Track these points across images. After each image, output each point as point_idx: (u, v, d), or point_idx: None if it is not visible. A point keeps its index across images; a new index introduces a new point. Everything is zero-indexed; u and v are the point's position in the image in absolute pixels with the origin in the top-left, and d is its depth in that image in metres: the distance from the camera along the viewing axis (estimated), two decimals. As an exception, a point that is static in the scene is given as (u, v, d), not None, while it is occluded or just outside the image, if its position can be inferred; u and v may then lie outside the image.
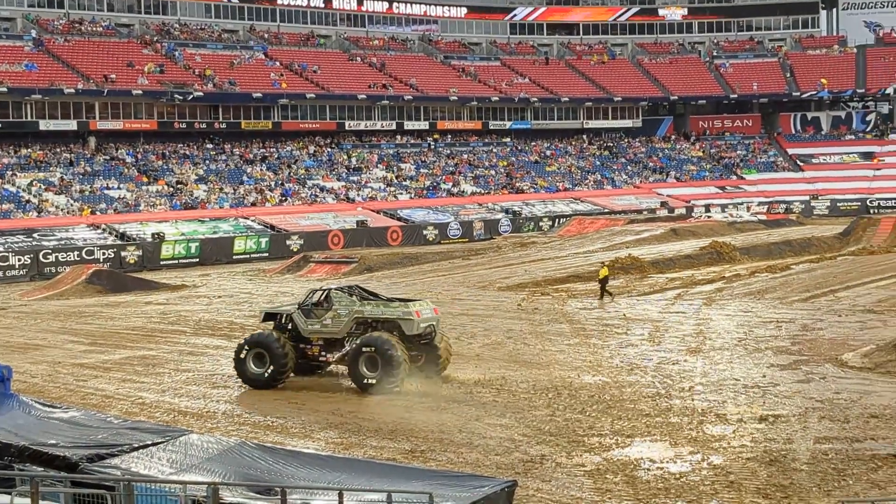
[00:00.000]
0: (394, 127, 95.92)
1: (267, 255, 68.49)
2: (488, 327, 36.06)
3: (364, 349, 26.04)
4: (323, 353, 27.49)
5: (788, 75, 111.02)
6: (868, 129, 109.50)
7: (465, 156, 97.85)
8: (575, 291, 45.10)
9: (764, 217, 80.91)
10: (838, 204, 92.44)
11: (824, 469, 18.76)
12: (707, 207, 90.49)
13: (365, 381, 25.97)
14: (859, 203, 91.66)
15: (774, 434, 21.15)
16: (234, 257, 67.58)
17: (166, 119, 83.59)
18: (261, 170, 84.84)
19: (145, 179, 78.15)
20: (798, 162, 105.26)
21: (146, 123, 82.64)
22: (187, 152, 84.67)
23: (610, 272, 46.69)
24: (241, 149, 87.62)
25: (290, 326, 27.61)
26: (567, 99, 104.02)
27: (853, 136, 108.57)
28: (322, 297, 27.91)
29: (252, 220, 73.49)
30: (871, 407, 23.01)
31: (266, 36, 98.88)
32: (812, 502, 17.11)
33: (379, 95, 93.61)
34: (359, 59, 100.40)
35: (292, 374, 27.40)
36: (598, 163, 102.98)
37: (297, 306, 27.98)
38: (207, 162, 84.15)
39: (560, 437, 21.29)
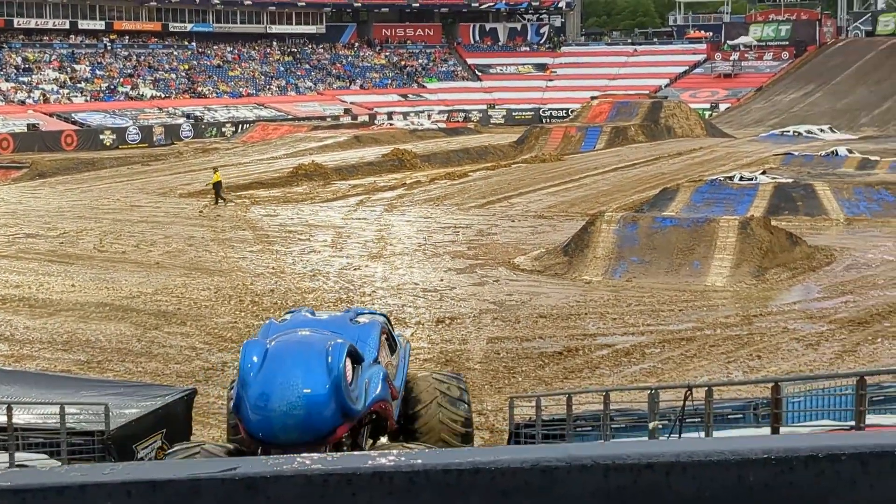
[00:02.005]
0: (67, 26, 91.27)
1: (-72, 159, 64.09)
2: (169, 234, 35.36)
3: None
4: None
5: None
6: (542, 42, 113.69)
7: (144, 58, 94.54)
8: (258, 198, 44.83)
9: (444, 125, 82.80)
10: (513, 113, 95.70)
11: (496, 367, 19.67)
12: (389, 115, 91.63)
13: None
14: (533, 112, 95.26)
15: (450, 335, 21.95)
16: None
17: None
18: (-81, 68, 78.97)
19: None
20: (476, 72, 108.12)
21: None
22: None
23: (293, 179, 46.93)
24: None
25: None
26: (250, 2, 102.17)
27: (528, 48, 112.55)
28: None
29: (-90, 123, 68.50)
30: (540, 307, 24.25)
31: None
32: (484, 399, 17.91)
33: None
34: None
35: None
36: (281, 69, 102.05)
37: None
38: None
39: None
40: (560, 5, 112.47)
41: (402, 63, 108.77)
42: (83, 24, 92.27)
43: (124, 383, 15.91)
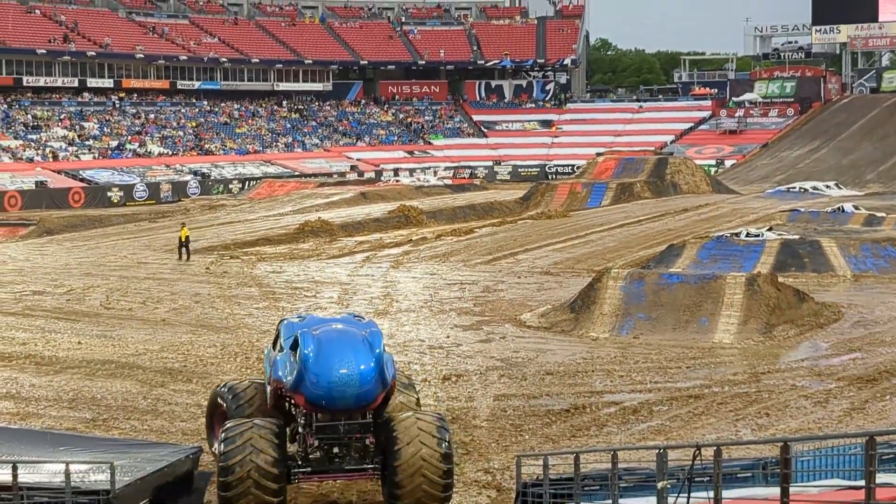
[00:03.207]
0: (76, 84, 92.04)
1: (-64, 216, 64.45)
2: (175, 291, 35.37)
3: None
4: None
5: (474, 44, 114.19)
6: (547, 98, 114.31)
7: (152, 116, 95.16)
8: (264, 254, 44.90)
9: (450, 181, 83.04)
10: (519, 169, 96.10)
11: (503, 425, 19.57)
12: (396, 171, 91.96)
13: None
14: (538, 169, 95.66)
15: (457, 392, 21.87)
16: None
17: None
18: (-71, 126, 79.54)
19: None
20: (482, 128, 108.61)
21: None
22: None
23: (299, 235, 47.38)
24: None
25: None
26: (258, 60, 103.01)
27: (534, 105, 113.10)
28: None
29: (-81, 180, 68.82)
30: (547, 364, 24.17)
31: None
32: (491, 458, 17.81)
33: (60, 51, 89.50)
34: (38, 11, 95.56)
35: None
36: (288, 125, 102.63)
37: None
38: None
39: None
40: (565, 62, 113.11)
41: (409, 120, 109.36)
42: (92, 83, 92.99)
43: (130, 441, 15.85)
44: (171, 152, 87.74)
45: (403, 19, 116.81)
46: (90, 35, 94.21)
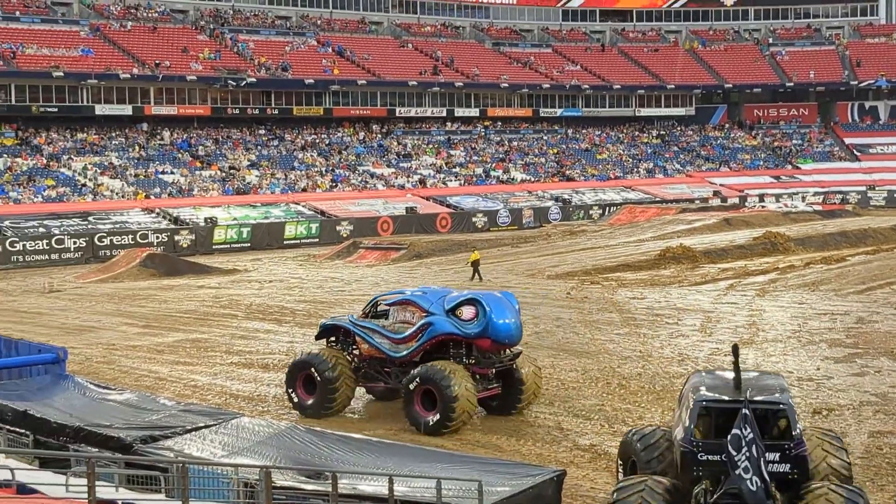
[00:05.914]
0: (444, 114, 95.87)
1: (317, 240, 68.78)
2: (537, 315, 35.85)
3: None
4: None
5: (846, 64, 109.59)
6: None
7: (516, 143, 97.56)
8: (625, 280, 44.82)
9: (819, 207, 79.96)
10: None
11: (878, 463, 18.55)
12: (761, 197, 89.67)
13: None
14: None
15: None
16: (285, 242, 67.92)
17: (220, 105, 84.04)
18: (312, 156, 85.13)
19: (199, 164, 78.65)
20: (855, 152, 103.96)
21: (200, 109, 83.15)
22: (240, 138, 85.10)
23: (661, 261, 46.94)
24: (292, 135, 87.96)
25: None
26: (619, 86, 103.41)
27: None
28: None
29: (303, 206, 73.73)
30: (928, 401, 22.70)
31: (318, 22, 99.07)
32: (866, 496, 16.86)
33: (430, 82, 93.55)
34: (410, 45, 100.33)
35: None
36: (649, 151, 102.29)
37: None
38: (259, 147, 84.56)
39: (610, 426, 21.18)
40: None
41: (775, 144, 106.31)
42: (459, 112, 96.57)
43: (496, 461, 16.15)
44: (533, 179, 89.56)
45: (771, 41, 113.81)
46: (458, 66, 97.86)
